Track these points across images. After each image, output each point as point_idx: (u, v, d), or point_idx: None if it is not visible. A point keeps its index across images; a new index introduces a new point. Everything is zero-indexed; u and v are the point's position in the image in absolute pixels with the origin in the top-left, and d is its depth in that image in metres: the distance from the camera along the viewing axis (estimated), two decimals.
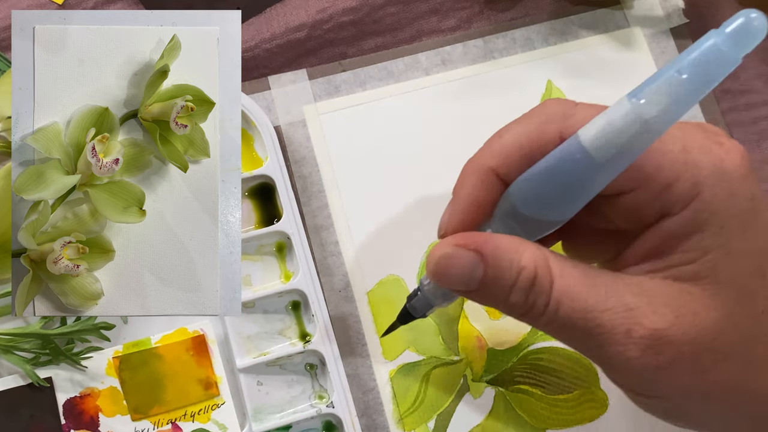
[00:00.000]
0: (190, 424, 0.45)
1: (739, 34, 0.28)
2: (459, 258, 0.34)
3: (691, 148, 0.32)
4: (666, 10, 0.53)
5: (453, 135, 0.51)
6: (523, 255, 0.33)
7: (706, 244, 0.32)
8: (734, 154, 0.32)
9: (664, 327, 0.32)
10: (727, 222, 0.32)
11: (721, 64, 0.29)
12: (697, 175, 0.32)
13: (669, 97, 0.29)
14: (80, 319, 0.44)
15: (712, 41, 0.29)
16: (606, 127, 0.30)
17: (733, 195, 0.32)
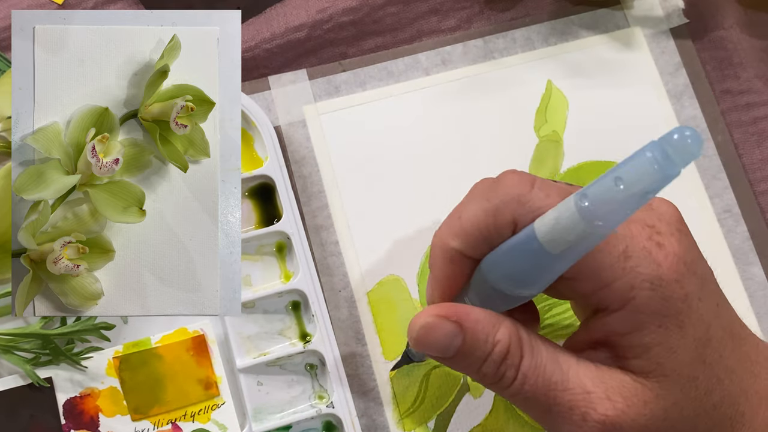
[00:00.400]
0: (190, 424, 0.45)
1: (673, 150, 0.29)
2: (440, 328, 0.36)
3: (631, 252, 0.34)
4: (666, 10, 0.53)
5: (453, 135, 0.51)
6: (499, 330, 0.36)
7: (647, 341, 0.35)
8: (671, 258, 0.35)
9: (615, 415, 0.35)
10: (663, 321, 0.35)
11: (656, 179, 0.30)
12: (633, 281, 0.34)
13: (608, 205, 0.30)
14: (80, 319, 0.44)
15: (648, 153, 0.29)
16: (555, 224, 0.32)
17: (667, 298, 0.34)
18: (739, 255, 0.49)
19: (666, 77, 0.52)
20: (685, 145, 0.29)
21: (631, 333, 0.35)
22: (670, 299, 0.34)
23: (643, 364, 0.35)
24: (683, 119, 0.51)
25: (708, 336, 0.35)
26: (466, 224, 0.37)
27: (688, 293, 0.35)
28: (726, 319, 0.37)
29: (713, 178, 0.50)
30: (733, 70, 0.52)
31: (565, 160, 0.51)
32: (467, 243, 0.37)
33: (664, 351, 0.35)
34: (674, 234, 0.36)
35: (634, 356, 0.35)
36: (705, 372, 0.36)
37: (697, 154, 0.29)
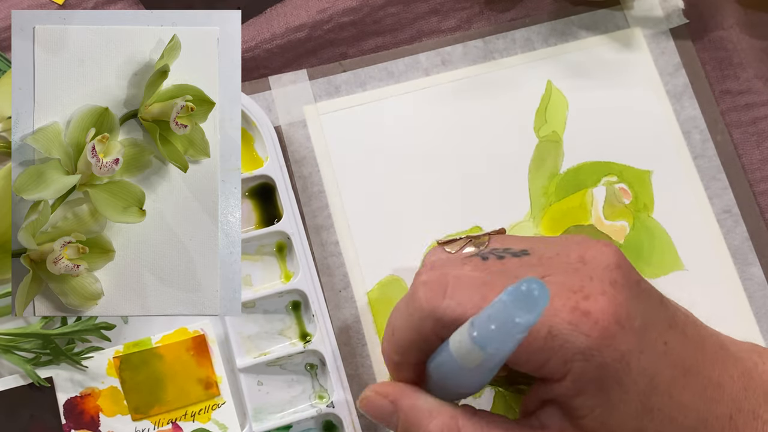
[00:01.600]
0: (191, 423, 0.45)
1: (520, 299, 0.31)
2: (376, 404, 0.39)
3: (556, 332, 0.35)
4: (666, 11, 0.53)
5: (453, 135, 0.51)
6: (432, 421, 0.37)
7: (590, 403, 0.36)
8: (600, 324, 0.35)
9: None
10: (602, 384, 0.35)
11: (511, 326, 0.31)
12: (564, 356, 0.35)
13: (492, 338, 0.32)
14: (81, 319, 0.44)
15: (503, 297, 0.31)
16: (460, 348, 0.34)
17: (602, 364, 0.35)
18: (738, 255, 0.49)
19: (666, 77, 0.52)
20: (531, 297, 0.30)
21: (574, 397, 0.36)
22: (605, 365, 0.35)
23: (590, 423, 0.36)
24: (683, 119, 0.51)
25: (654, 384, 0.36)
26: (399, 340, 0.38)
27: (624, 353, 0.35)
28: (678, 356, 0.37)
29: (713, 178, 0.50)
30: (732, 70, 0.52)
31: (564, 161, 0.51)
32: (405, 357, 0.39)
33: (606, 410, 0.36)
34: (606, 292, 0.36)
35: (580, 416, 0.36)
36: (654, 419, 0.36)
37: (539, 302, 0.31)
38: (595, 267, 0.37)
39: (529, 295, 0.30)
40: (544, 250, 0.39)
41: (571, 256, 0.37)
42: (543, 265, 0.37)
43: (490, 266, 0.38)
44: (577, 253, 0.38)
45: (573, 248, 0.38)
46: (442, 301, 0.36)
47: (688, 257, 0.49)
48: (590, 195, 0.50)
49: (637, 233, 0.50)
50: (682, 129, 0.51)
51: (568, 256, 0.38)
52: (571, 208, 0.50)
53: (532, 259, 0.38)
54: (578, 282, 0.36)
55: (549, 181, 0.50)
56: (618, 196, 0.50)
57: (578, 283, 0.36)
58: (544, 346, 0.35)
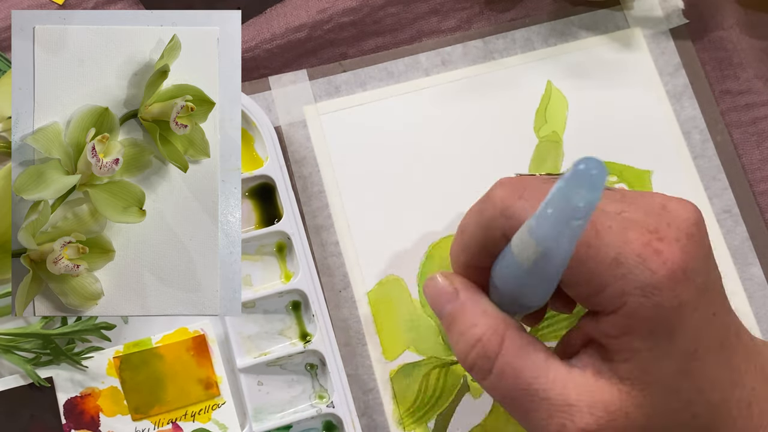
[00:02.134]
0: (191, 423, 0.45)
1: (579, 180, 0.30)
2: (441, 286, 0.39)
3: (623, 259, 0.35)
4: (666, 11, 0.53)
5: (453, 135, 0.51)
6: (482, 318, 0.38)
7: (636, 346, 0.35)
8: (667, 266, 0.35)
9: (595, 426, 0.35)
10: (654, 327, 0.35)
11: (571, 208, 0.30)
12: (625, 286, 0.35)
13: (548, 229, 0.32)
14: (81, 319, 0.44)
15: (560, 182, 0.30)
16: (519, 243, 0.34)
17: (659, 305, 0.35)
18: (738, 255, 0.49)
19: (666, 78, 0.52)
20: (589, 176, 0.30)
21: (620, 336, 0.36)
22: (662, 307, 0.35)
23: (630, 368, 0.36)
24: (683, 119, 0.51)
25: (696, 347, 0.36)
26: (467, 240, 0.39)
27: (682, 302, 0.35)
28: (720, 329, 0.37)
29: (713, 178, 0.50)
30: (732, 70, 0.52)
31: (564, 161, 0.51)
32: (472, 257, 0.39)
33: (651, 358, 0.35)
34: (680, 240, 0.35)
35: (622, 359, 0.36)
36: (688, 383, 0.36)
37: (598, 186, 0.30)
38: (675, 216, 0.36)
39: (586, 175, 0.29)
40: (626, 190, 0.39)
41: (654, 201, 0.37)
42: (625, 202, 0.37)
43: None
44: (660, 200, 0.37)
45: (657, 196, 0.38)
46: (517, 201, 0.36)
47: None
48: None
49: None
50: (682, 129, 0.51)
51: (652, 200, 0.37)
52: None
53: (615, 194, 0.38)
54: (655, 224, 0.36)
55: None
56: None
57: (655, 225, 0.36)
58: (607, 271, 0.35)
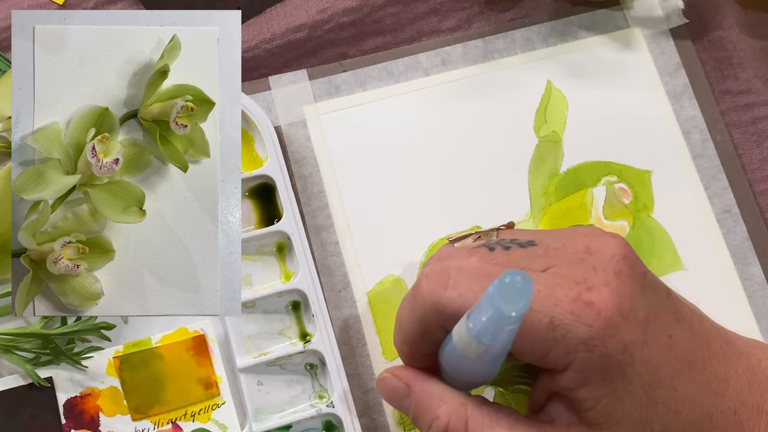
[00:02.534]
0: (191, 423, 0.45)
1: (505, 290, 0.31)
2: (391, 385, 0.40)
3: (557, 322, 0.35)
4: (666, 11, 0.53)
5: (453, 135, 0.51)
6: (441, 407, 0.38)
7: (595, 394, 0.36)
8: (603, 314, 0.35)
9: None
10: (605, 376, 0.35)
11: (499, 316, 0.31)
12: (567, 346, 0.35)
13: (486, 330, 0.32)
14: (80, 319, 0.44)
15: (489, 289, 0.31)
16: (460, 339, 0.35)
17: (605, 354, 0.35)
18: (738, 255, 0.49)
19: (665, 78, 0.52)
20: (513, 289, 0.31)
21: (578, 389, 0.36)
22: (608, 355, 0.35)
23: (595, 415, 0.36)
24: (683, 119, 0.51)
25: (657, 376, 0.36)
26: (406, 334, 0.39)
27: (628, 344, 0.35)
28: (681, 349, 0.37)
29: (712, 178, 0.50)
30: (732, 70, 0.52)
31: (564, 161, 0.51)
32: (414, 348, 0.40)
33: (611, 402, 0.36)
34: (609, 282, 0.36)
35: (586, 408, 0.36)
36: (658, 411, 0.36)
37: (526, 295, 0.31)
38: (600, 258, 0.37)
39: (513, 287, 0.31)
40: (550, 241, 0.39)
41: (577, 247, 0.38)
42: (549, 256, 0.38)
43: (496, 257, 0.38)
44: (583, 243, 0.38)
45: (580, 239, 0.38)
46: (444, 292, 0.37)
47: (688, 257, 0.49)
48: (590, 195, 0.50)
49: (636, 233, 0.50)
50: (682, 129, 0.51)
51: (574, 247, 0.38)
52: (571, 208, 0.50)
53: (538, 249, 0.38)
54: (582, 273, 0.36)
55: (549, 181, 0.50)
56: (618, 196, 0.50)
57: (582, 275, 0.36)
58: (546, 336, 0.35)
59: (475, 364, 0.35)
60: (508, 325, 0.32)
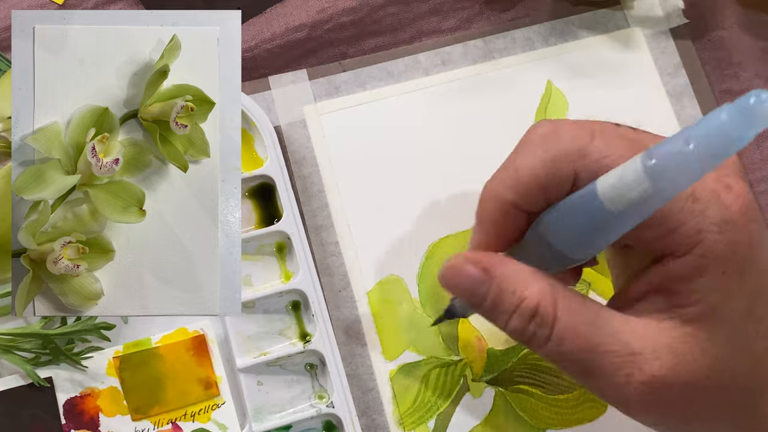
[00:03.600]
0: (191, 424, 0.45)
1: (749, 113, 0.28)
2: (465, 272, 0.36)
3: (699, 194, 0.34)
4: (666, 11, 0.53)
5: (453, 135, 0.51)
6: (528, 287, 0.35)
7: (708, 287, 0.34)
8: (740, 201, 0.34)
9: (663, 373, 0.34)
10: (727, 267, 0.34)
11: (728, 142, 0.29)
12: (702, 223, 0.34)
13: (676, 165, 0.30)
14: (80, 319, 0.44)
15: (723, 115, 0.29)
16: (618, 183, 0.32)
17: (734, 242, 0.34)
18: None
19: (666, 77, 0.52)
20: (761, 109, 0.28)
21: (693, 278, 0.34)
22: (736, 244, 0.34)
23: (699, 310, 0.34)
24: (683, 119, 0.51)
25: (761, 288, 0.35)
26: (523, 176, 0.36)
27: (753, 240, 0.34)
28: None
29: None
30: (732, 69, 0.52)
31: None
32: (524, 196, 0.36)
33: (722, 297, 0.34)
34: (741, 176, 0.35)
35: (691, 303, 0.35)
36: (754, 323, 0.35)
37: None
38: (727, 165, 0.35)
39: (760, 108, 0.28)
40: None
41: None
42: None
43: (625, 131, 0.36)
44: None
45: None
46: (591, 141, 0.35)
47: None
48: None
49: None
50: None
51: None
52: None
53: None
54: (723, 166, 0.35)
55: None
56: None
57: (724, 166, 0.35)
58: (684, 207, 0.34)
59: (612, 223, 0.33)
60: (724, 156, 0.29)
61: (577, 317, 0.35)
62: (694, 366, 0.35)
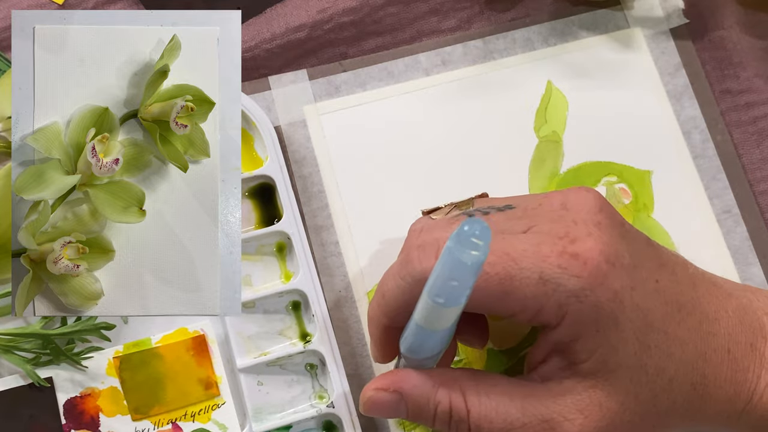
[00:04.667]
0: (191, 424, 0.45)
1: (461, 237, 0.31)
2: (381, 400, 0.39)
3: (547, 276, 0.36)
4: (666, 11, 0.53)
5: (453, 135, 0.51)
6: (437, 391, 0.38)
7: (589, 346, 0.36)
8: (590, 264, 0.36)
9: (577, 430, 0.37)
10: (598, 324, 0.36)
11: (460, 268, 0.32)
12: (559, 299, 0.36)
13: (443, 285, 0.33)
14: (80, 319, 0.44)
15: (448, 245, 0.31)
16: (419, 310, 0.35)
17: (596, 303, 0.36)
18: (738, 255, 0.49)
19: (666, 78, 0.52)
20: (467, 233, 0.31)
21: (572, 342, 0.37)
22: (600, 303, 0.36)
23: (591, 366, 0.37)
24: (683, 119, 0.51)
25: (648, 321, 0.37)
26: (390, 304, 0.39)
27: (617, 290, 0.36)
28: (669, 293, 0.38)
29: (712, 178, 0.50)
30: (732, 69, 0.52)
31: (564, 161, 0.51)
32: (393, 319, 0.39)
33: (606, 351, 0.36)
34: (591, 233, 0.36)
35: (581, 361, 0.37)
36: (652, 355, 0.37)
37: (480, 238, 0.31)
38: (578, 211, 0.37)
39: (470, 234, 0.31)
40: (527, 202, 0.39)
41: (554, 204, 0.38)
42: (528, 217, 0.38)
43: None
44: (558, 200, 0.38)
45: (555, 197, 0.39)
46: (435, 261, 0.36)
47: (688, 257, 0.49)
48: None
49: None
50: (682, 129, 0.51)
51: (551, 205, 0.38)
52: None
53: (517, 212, 0.39)
54: (563, 228, 0.37)
55: (549, 181, 0.50)
56: (618, 196, 0.50)
57: (563, 229, 0.37)
58: (537, 292, 0.36)
59: (434, 335, 0.36)
60: (466, 278, 0.32)
61: (488, 403, 0.38)
62: (603, 413, 0.37)
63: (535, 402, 0.37)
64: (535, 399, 0.37)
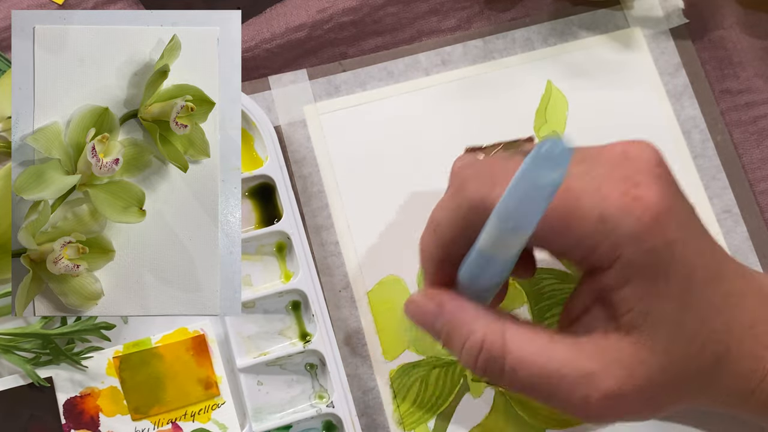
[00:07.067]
0: (191, 423, 0.45)
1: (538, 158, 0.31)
2: (422, 306, 0.40)
3: (608, 214, 0.36)
4: (666, 11, 0.53)
5: (453, 135, 0.51)
6: (475, 322, 0.38)
7: (636, 295, 0.36)
8: (651, 209, 0.36)
9: (617, 387, 0.36)
10: (649, 272, 0.36)
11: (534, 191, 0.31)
12: (616, 240, 0.36)
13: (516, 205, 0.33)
14: (80, 319, 0.44)
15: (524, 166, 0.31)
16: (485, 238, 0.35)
17: (651, 250, 0.36)
18: (738, 255, 0.49)
19: (666, 77, 0.52)
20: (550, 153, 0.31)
21: (621, 288, 0.36)
22: (654, 250, 0.35)
23: (634, 317, 0.36)
24: (683, 119, 0.51)
25: (692, 279, 0.37)
26: (444, 235, 0.39)
27: (671, 241, 0.36)
28: (709, 258, 0.38)
29: (712, 178, 0.50)
30: (732, 69, 0.52)
31: None
32: (449, 251, 0.39)
33: (650, 301, 0.36)
34: (653, 182, 0.36)
35: (625, 311, 0.36)
36: (690, 315, 0.37)
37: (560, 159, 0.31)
38: (639, 161, 0.37)
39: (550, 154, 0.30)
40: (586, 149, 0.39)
41: (615, 151, 0.38)
42: (587, 162, 0.38)
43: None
44: (620, 149, 0.38)
45: (616, 146, 0.38)
46: (493, 190, 0.37)
47: None
48: None
49: None
50: (682, 129, 0.51)
51: (612, 152, 0.38)
52: None
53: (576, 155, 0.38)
54: (626, 172, 0.37)
55: None
56: None
57: (626, 173, 0.37)
58: (596, 229, 0.36)
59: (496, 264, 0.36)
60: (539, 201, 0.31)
61: (528, 348, 0.37)
62: (645, 372, 0.36)
63: (577, 354, 0.37)
64: (577, 351, 0.37)
